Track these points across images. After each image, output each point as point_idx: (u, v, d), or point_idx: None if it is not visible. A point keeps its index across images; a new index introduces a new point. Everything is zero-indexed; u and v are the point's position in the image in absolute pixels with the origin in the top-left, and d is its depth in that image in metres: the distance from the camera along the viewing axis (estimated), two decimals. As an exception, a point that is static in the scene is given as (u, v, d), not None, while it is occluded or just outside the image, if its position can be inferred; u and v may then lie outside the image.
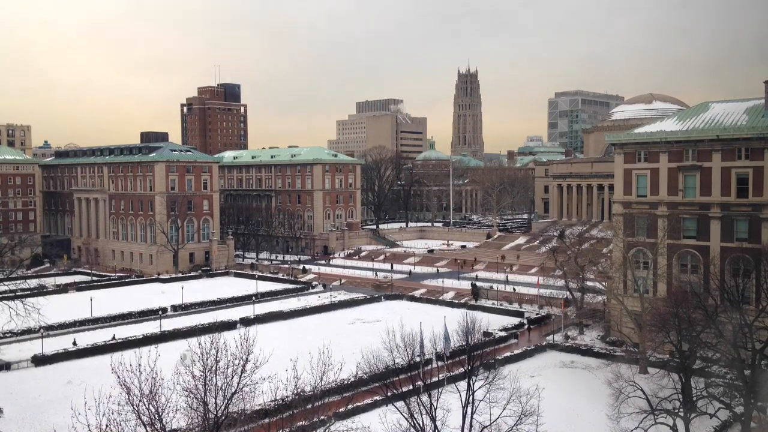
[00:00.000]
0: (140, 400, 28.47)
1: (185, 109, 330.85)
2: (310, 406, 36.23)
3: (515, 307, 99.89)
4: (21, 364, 72.82)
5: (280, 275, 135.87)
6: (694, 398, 49.96)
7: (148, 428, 28.65)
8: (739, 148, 69.81)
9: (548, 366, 70.79)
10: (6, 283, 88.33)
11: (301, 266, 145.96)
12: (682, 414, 46.86)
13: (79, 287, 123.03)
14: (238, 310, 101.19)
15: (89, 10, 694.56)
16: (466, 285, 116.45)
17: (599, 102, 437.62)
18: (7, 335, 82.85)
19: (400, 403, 39.10)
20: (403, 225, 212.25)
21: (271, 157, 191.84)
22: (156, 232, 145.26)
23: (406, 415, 38.29)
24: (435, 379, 55.14)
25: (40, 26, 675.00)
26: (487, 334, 77.47)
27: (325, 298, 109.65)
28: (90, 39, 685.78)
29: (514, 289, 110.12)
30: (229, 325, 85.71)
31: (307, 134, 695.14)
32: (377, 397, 54.72)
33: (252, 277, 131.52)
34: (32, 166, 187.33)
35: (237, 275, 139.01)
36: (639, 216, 75.84)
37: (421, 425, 37.65)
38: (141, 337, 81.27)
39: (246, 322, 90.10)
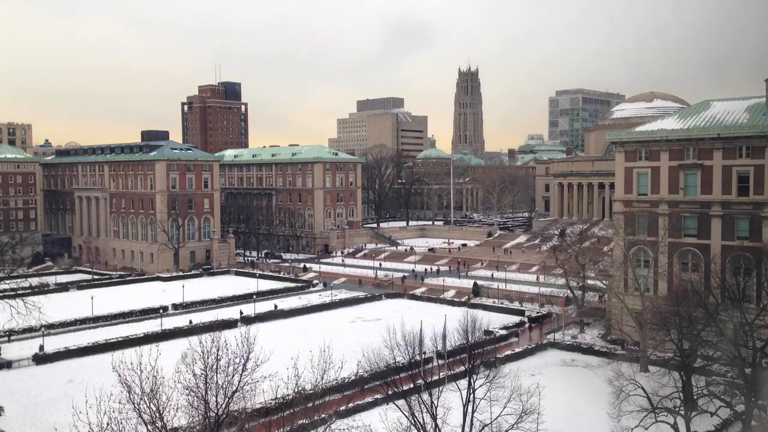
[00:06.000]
0: (141, 399, 28.46)
1: (186, 107, 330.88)
2: (310, 404, 36.26)
3: (516, 305, 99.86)
4: (22, 362, 72.86)
5: (280, 274, 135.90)
6: (695, 396, 49.90)
7: (149, 427, 28.65)
8: (739, 147, 69.74)
9: (549, 364, 70.76)
10: (7, 281, 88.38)
11: (301, 265, 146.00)
12: (682, 412, 46.85)
13: (79, 286, 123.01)
14: (238, 308, 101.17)
15: (90, 9, 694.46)
16: (467, 283, 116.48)
17: (600, 100, 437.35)
18: (8, 333, 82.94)
19: (401, 402, 39.09)
20: (404, 223, 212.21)
21: (272, 155, 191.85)
22: (157, 230, 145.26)
23: (407, 414, 38.28)
24: (436, 377, 55.10)
25: (40, 25, 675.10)
26: (487, 332, 77.47)
27: (325, 297, 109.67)
28: (90, 38, 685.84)
29: (506, 285, 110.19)
30: (229, 324, 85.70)
31: (308, 133, 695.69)
32: (378, 396, 54.67)
33: (252, 275, 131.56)
34: (33, 165, 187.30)
35: (238, 274, 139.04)
36: (640, 214, 75.75)
37: (421, 423, 37.64)
38: (142, 335, 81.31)
39: (247, 320, 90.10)
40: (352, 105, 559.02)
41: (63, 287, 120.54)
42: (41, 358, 73.35)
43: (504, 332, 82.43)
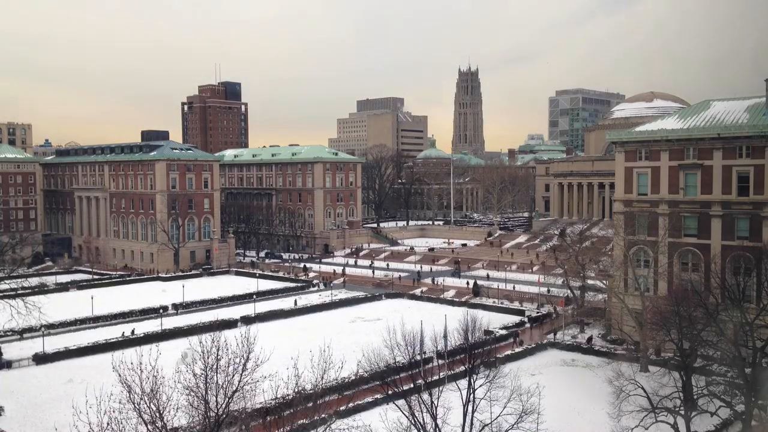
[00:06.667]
0: (141, 399, 28.46)
1: (186, 107, 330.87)
2: (310, 404, 36.26)
3: (516, 305, 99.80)
4: (22, 362, 72.84)
5: (280, 274, 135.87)
6: (695, 396, 49.90)
7: (149, 426, 28.63)
8: (740, 147, 69.74)
9: (549, 364, 70.76)
10: (7, 281, 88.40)
11: (301, 265, 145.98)
12: (682, 412, 46.83)
13: (80, 286, 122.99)
14: (238, 308, 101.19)
15: (90, 9, 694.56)
16: (467, 283, 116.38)
17: (600, 100, 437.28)
18: (8, 333, 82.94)
19: (401, 402, 39.07)
20: (404, 223, 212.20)
21: (272, 155, 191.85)
22: (157, 230, 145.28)
23: (406, 413, 38.26)
24: (436, 377, 55.11)
25: (42, 24, 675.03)
26: (487, 332, 77.40)
27: (325, 297, 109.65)
28: (90, 37, 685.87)
29: (513, 287, 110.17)
30: (229, 324, 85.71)
31: (308, 133, 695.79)
32: (378, 396, 54.68)
33: (252, 275, 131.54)
34: (33, 165, 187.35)
35: (238, 273, 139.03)
36: (640, 214, 75.74)
37: (421, 423, 37.63)
38: (142, 335, 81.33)
39: (247, 320, 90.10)
40: (352, 105, 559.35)
41: (63, 287, 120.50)
42: (41, 358, 73.33)
43: (504, 332, 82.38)
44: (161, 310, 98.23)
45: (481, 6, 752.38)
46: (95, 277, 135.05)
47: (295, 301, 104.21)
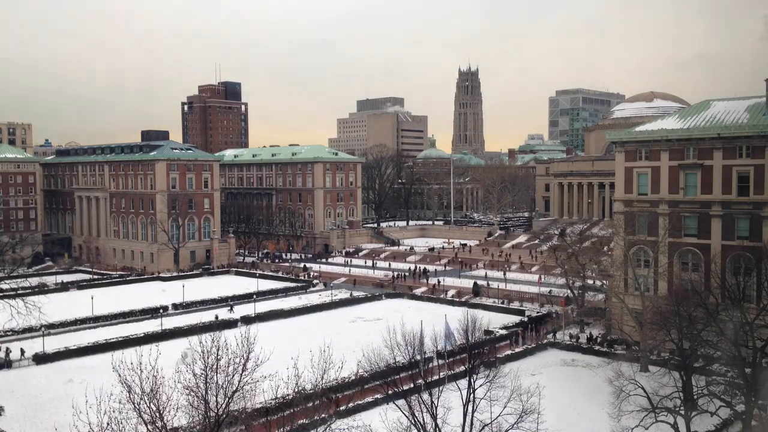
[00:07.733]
0: (141, 399, 28.49)
1: (186, 107, 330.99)
2: (310, 404, 36.31)
3: (516, 305, 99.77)
4: (22, 362, 72.88)
5: (280, 274, 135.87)
6: (695, 396, 49.90)
7: (149, 426, 28.67)
8: (740, 146, 69.75)
9: (549, 364, 70.78)
10: (7, 281, 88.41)
11: (301, 264, 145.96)
12: (683, 412, 46.84)
13: (80, 285, 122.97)
14: (239, 308, 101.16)
15: (90, 8, 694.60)
16: (467, 283, 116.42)
17: (600, 100, 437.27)
18: (9, 333, 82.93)
19: (401, 401, 39.08)
20: (404, 223, 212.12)
21: (272, 155, 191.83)
22: (157, 230, 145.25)
23: (407, 413, 38.28)
24: (436, 377, 55.11)
25: (41, 24, 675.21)
26: (488, 332, 77.43)
27: (325, 297, 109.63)
28: (90, 37, 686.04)
29: (506, 285, 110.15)
30: (229, 324, 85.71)
31: (308, 133, 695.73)
32: (378, 396, 54.71)
33: (253, 275, 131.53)
34: (33, 165, 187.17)
35: (238, 273, 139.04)
36: (640, 214, 75.77)
37: (421, 423, 37.65)
38: (142, 335, 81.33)
39: (247, 320, 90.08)
40: (352, 105, 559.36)
41: (63, 287, 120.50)
42: (41, 358, 73.36)
43: (504, 332, 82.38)
44: (161, 310, 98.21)
45: (481, 5, 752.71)
46: (95, 277, 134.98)
47: (279, 306, 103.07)
